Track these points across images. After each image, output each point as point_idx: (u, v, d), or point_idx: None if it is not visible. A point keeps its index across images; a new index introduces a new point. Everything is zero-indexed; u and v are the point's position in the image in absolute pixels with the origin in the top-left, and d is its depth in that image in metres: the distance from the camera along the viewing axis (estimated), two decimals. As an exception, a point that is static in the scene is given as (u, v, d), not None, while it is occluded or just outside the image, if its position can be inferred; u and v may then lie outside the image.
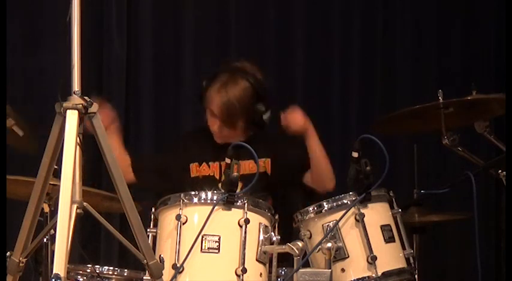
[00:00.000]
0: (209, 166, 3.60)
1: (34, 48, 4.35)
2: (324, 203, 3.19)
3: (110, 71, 4.46)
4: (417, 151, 4.15)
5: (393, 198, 3.26)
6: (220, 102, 3.53)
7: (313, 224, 3.19)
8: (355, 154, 3.13)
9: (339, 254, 3.10)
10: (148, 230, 3.07)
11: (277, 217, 3.16)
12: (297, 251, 2.97)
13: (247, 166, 3.50)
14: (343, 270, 3.11)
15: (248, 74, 3.55)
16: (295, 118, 3.57)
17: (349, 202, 3.15)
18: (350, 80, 4.84)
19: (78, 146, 2.45)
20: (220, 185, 3.33)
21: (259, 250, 3.04)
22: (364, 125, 4.46)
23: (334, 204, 3.18)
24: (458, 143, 3.52)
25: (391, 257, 3.17)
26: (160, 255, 2.86)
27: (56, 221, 2.37)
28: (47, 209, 3.24)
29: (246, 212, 3.02)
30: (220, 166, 3.56)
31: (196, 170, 3.62)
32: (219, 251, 2.99)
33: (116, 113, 3.68)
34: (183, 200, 3.06)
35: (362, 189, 3.14)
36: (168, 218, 3.09)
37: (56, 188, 2.60)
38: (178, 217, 3.02)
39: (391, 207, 3.25)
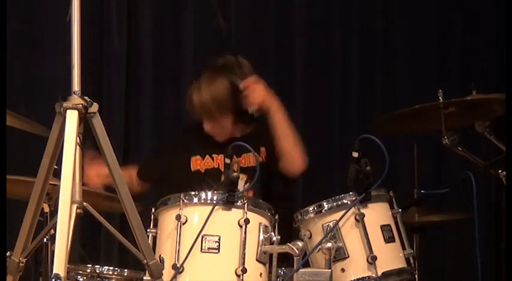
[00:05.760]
0: (213, 159, 3.58)
1: (34, 48, 4.34)
2: (324, 203, 3.19)
3: (109, 70, 4.46)
4: (417, 151, 4.15)
5: (393, 198, 3.26)
6: (195, 103, 3.53)
7: (313, 224, 3.19)
8: (355, 154, 3.13)
9: (339, 254, 3.10)
10: (148, 230, 3.07)
11: (277, 217, 3.16)
12: (297, 251, 2.97)
13: (252, 159, 3.50)
14: (343, 270, 3.11)
15: (229, 70, 3.50)
16: (255, 91, 3.46)
17: (349, 202, 3.15)
18: (350, 80, 4.85)
19: (78, 146, 2.45)
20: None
21: (259, 250, 3.03)
22: (364, 125, 4.46)
23: (334, 204, 3.17)
24: (458, 143, 3.52)
25: (391, 257, 3.16)
26: (160, 255, 2.85)
27: (56, 221, 2.37)
28: (47, 209, 3.24)
29: (246, 212, 3.02)
30: (225, 158, 3.53)
31: (198, 163, 3.60)
32: (219, 251, 2.99)
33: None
34: (183, 200, 3.06)
35: (362, 189, 3.13)
36: (168, 218, 3.09)
37: (56, 188, 2.60)
38: (178, 217, 3.02)
39: (391, 207, 3.25)
